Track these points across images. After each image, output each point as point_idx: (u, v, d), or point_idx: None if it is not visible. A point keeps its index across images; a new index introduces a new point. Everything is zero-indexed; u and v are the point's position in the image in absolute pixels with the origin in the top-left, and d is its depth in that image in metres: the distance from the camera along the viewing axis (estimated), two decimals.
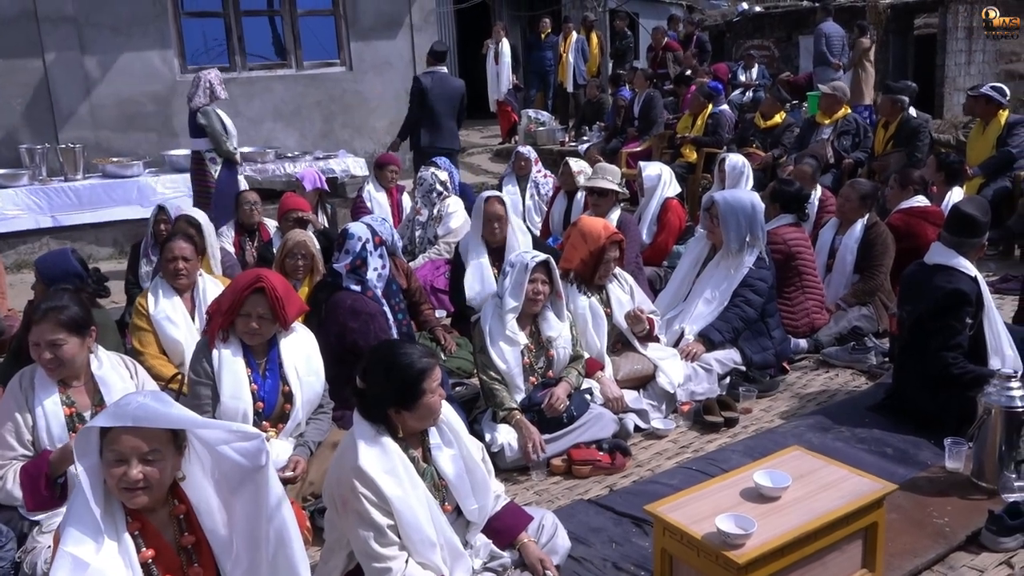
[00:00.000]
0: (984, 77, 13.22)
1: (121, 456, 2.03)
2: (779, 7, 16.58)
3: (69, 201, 8.21)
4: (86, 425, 2.08)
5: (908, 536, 3.15)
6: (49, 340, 3.04)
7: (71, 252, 4.51)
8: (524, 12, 16.54)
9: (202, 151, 7.29)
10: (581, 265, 4.49)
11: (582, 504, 3.56)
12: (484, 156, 12.90)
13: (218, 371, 3.45)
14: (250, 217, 6.14)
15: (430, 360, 2.64)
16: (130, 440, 2.03)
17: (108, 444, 2.04)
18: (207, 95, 7.16)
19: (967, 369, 3.85)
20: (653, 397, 4.40)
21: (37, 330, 3.06)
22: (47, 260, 4.51)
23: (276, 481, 2.21)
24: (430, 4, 11.02)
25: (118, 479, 2.04)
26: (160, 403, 2.08)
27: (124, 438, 2.03)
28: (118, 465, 2.04)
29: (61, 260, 4.44)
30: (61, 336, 3.05)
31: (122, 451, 2.03)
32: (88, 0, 8.98)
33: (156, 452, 2.06)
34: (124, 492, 2.06)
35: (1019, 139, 7.15)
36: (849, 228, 5.54)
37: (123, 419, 2.02)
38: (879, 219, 5.58)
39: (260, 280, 3.47)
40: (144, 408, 2.03)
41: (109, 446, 2.04)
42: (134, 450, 2.03)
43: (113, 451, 2.03)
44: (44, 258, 4.58)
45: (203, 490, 2.19)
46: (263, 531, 2.19)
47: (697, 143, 9.16)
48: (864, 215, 5.50)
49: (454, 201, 6.77)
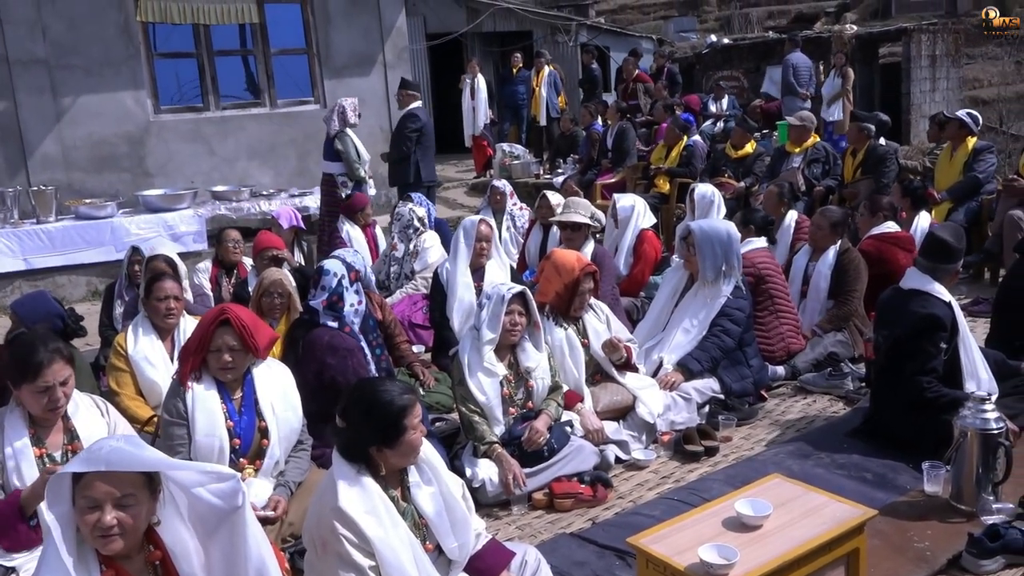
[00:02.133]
0: (949, 104, 13.49)
1: (95, 502, 2.00)
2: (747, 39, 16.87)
3: (41, 244, 8.11)
4: (58, 471, 2.04)
5: (890, 562, 3.16)
6: (62, 379, 3.04)
7: (48, 294, 4.47)
8: (496, 48, 16.72)
9: (335, 174, 7.83)
10: (556, 298, 4.50)
11: (565, 538, 3.54)
12: (460, 190, 12.96)
13: (191, 410, 3.40)
14: (232, 254, 6.11)
15: (411, 396, 2.63)
16: (103, 486, 1.99)
17: (81, 490, 2.01)
18: (342, 121, 7.76)
19: (941, 393, 3.88)
20: (633, 428, 4.40)
21: (50, 372, 3.01)
22: (26, 304, 4.47)
23: (254, 522, 2.18)
24: (403, 42, 11.10)
25: (92, 526, 2.00)
26: (133, 446, 2.05)
27: (97, 484, 1.99)
28: (91, 511, 2.00)
29: (41, 302, 4.44)
30: (69, 372, 3.06)
31: (96, 497, 1.99)
32: (59, 42, 8.97)
33: (130, 497, 2.02)
34: (98, 539, 2.02)
35: (986, 164, 7.27)
36: (822, 255, 5.60)
37: (96, 464, 1.99)
38: (851, 245, 5.65)
39: (224, 312, 3.45)
40: (117, 452, 2.00)
41: (82, 492, 2.01)
42: (108, 495, 2.00)
43: (86, 497, 2.00)
44: (22, 302, 4.53)
45: (179, 533, 2.16)
46: (241, 573, 2.15)
47: (670, 174, 9.25)
48: (836, 242, 5.57)
49: (430, 236, 6.79)
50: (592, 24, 18.19)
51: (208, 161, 9.91)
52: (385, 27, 10.78)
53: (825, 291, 5.56)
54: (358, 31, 10.65)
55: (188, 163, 9.80)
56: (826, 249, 5.59)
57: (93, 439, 3.07)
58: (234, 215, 8.82)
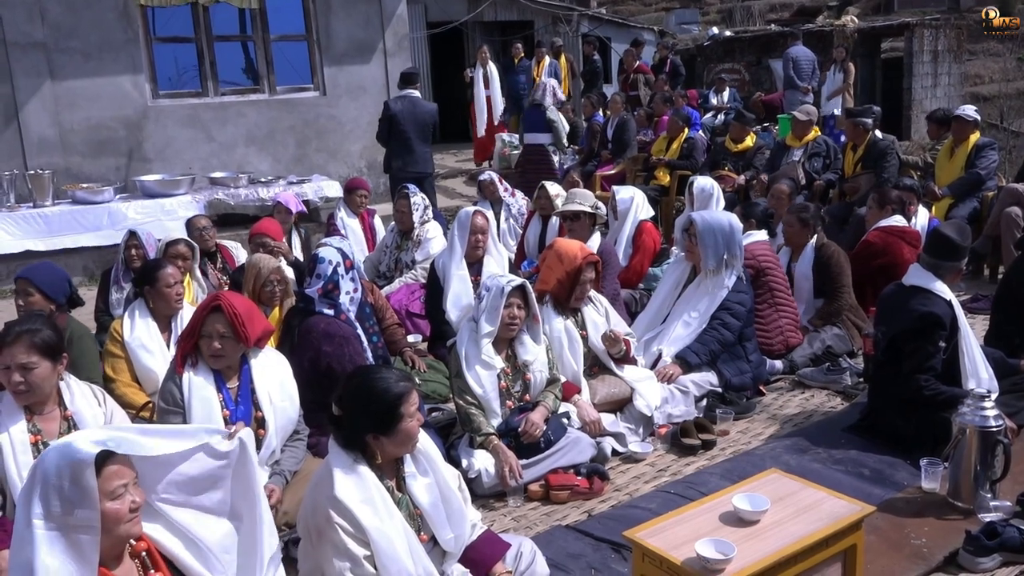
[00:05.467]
0: (950, 100, 13.48)
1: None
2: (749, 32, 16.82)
3: (38, 227, 8.07)
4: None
5: (886, 558, 3.16)
6: (21, 363, 2.97)
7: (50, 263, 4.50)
8: (497, 37, 16.65)
9: (545, 144, 9.34)
10: (557, 286, 4.48)
11: (560, 530, 3.53)
12: (459, 180, 12.91)
13: (188, 398, 3.39)
14: (203, 243, 5.94)
15: (407, 384, 2.61)
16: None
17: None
18: (553, 98, 9.27)
19: (939, 391, 3.87)
20: (630, 420, 4.39)
21: (8, 352, 2.98)
22: (40, 270, 4.38)
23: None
24: (403, 29, 11.04)
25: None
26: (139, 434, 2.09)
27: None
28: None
29: (51, 267, 4.44)
30: (34, 359, 2.99)
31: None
32: (58, 25, 8.91)
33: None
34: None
35: (987, 161, 7.25)
36: (800, 253, 5.59)
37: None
38: (827, 240, 5.64)
39: (217, 299, 3.43)
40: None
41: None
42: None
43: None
44: (33, 271, 4.38)
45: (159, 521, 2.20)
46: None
47: (671, 166, 9.22)
48: (809, 237, 5.55)
49: (433, 226, 6.75)
50: (593, 14, 18.10)
51: (206, 147, 9.86)
52: (386, 15, 10.72)
53: (809, 290, 5.56)
54: (358, 18, 10.59)
55: (186, 148, 9.75)
56: (803, 246, 5.58)
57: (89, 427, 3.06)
58: (232, 201, 8.78)
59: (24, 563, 1.88)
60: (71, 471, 1.91)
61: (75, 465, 1.91)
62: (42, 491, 1.90)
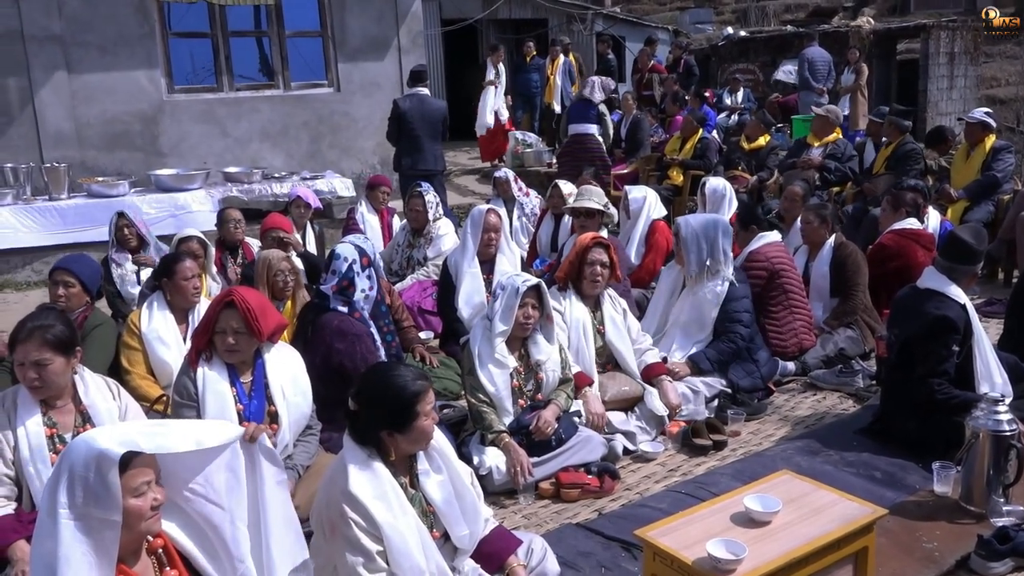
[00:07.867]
0: (966, 102, 13.40)
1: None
2: (763, 32, 16.76)
3: (53, 220, 8.12)
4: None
5: (898, 561, 3.15)
6: (34, 360, 3.00)
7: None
8: (510, 35, 16.64)
9: (595, 133, 9.71)
10: (568, 266, 4.55)
11: (571, 528, 3.53)
12: (471, 177, 12.90)
13: (202, 392, 3.41)
14: (233, 235, 6.12)
15: (424, 383, 2.63)
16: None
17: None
18: (601, 92, 9.73)
19: (952, 395, 3.85)
20: (642, 419, 4.39)
21: (22, 349, 3.01)
22: (79, 261, 4.56)
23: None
24: (418, 26, 11.05)
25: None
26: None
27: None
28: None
29: (87, 260, 4.62)
30: (47, 355, 3.01)
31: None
32: (75, 19, 8.96)
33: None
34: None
35: (1004, 164, 7.22)
36: (818, 252, 5.57)
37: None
38: (845, 239, 5.62)
39: (231, 294, 3.45)
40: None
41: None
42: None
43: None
44: (73, 261, 4.54)
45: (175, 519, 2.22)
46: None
47: (685, 166, 9.21)
48: (828, 235, 5.54)
49: (445, 223, 6.77)
50: (608, 13, 18.08)
51: (221, 142, 9.90)
52: (400, 12, 10.74)
53: (826, 289, 5.54)
54: (373, 15, 10.61)
55: (201, 143, 9.79)
56: (821, 244, 5.56)
57: (104, 421, 3.08)
58: (245, 197, 8.80)
59: (46, 553, 1.89)
60: (97, 464, 1.92)
61: (100, 460, 1.92)
62: (68, 482, 1.91)
